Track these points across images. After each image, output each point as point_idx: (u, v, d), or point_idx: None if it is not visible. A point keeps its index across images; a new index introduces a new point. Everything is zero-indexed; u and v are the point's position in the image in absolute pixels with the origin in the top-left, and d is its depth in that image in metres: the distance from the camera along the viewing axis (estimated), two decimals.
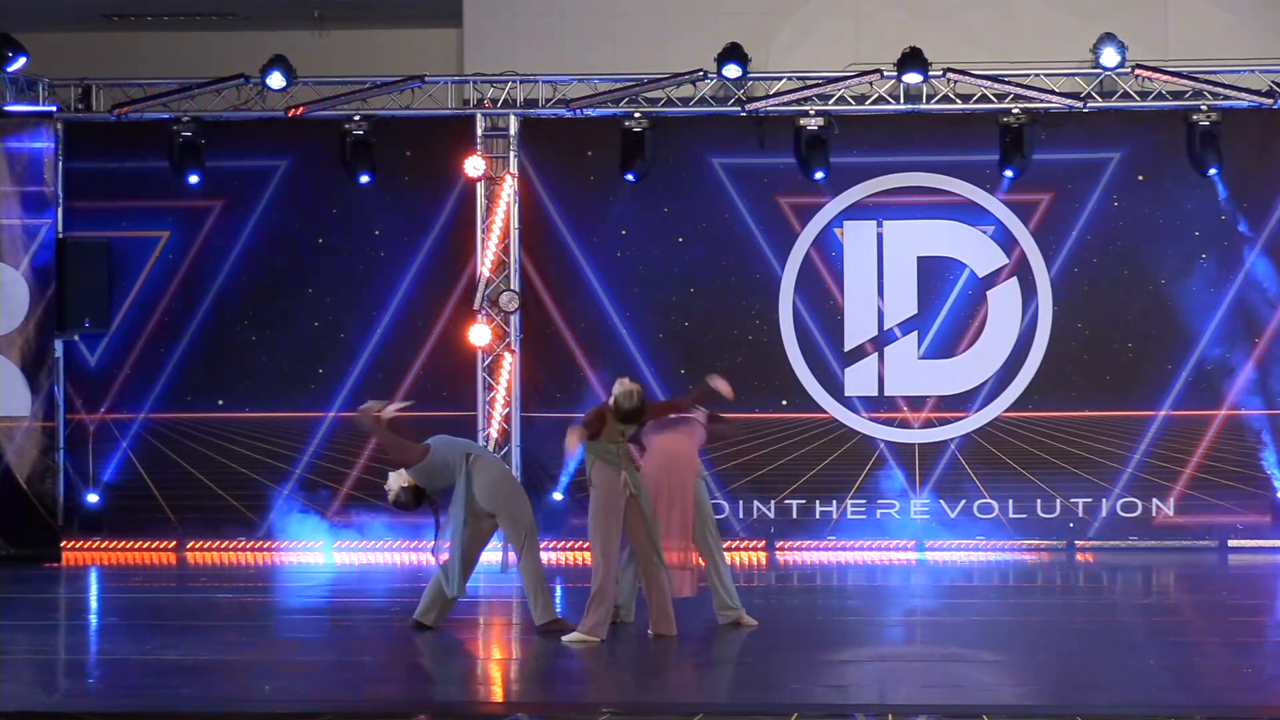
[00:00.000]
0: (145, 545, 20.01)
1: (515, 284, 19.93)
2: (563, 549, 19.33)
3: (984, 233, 19.87)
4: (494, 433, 19.75)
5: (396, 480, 14.08)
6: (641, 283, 20.02)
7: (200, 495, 20.08)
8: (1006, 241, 19.83)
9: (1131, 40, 19.39)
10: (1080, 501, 19.69)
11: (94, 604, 17.19)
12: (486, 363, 19.94)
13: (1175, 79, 19.42)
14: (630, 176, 19.73)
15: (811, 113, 19.58)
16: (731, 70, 19.33)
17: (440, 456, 13.97)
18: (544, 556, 14.25)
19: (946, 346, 19.93)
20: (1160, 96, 19.56)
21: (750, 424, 19.79)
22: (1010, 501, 19.74)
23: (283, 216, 20.24)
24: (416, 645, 13.89)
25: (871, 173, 19.89)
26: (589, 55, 20.57)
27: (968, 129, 19.79)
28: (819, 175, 19.63)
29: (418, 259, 20.11)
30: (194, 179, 19.92)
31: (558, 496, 19.55)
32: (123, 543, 20.02)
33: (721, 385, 14.12)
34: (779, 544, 19.73)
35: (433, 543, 14.14)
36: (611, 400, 13.61)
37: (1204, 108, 19.33)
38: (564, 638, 13.44)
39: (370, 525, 19.90)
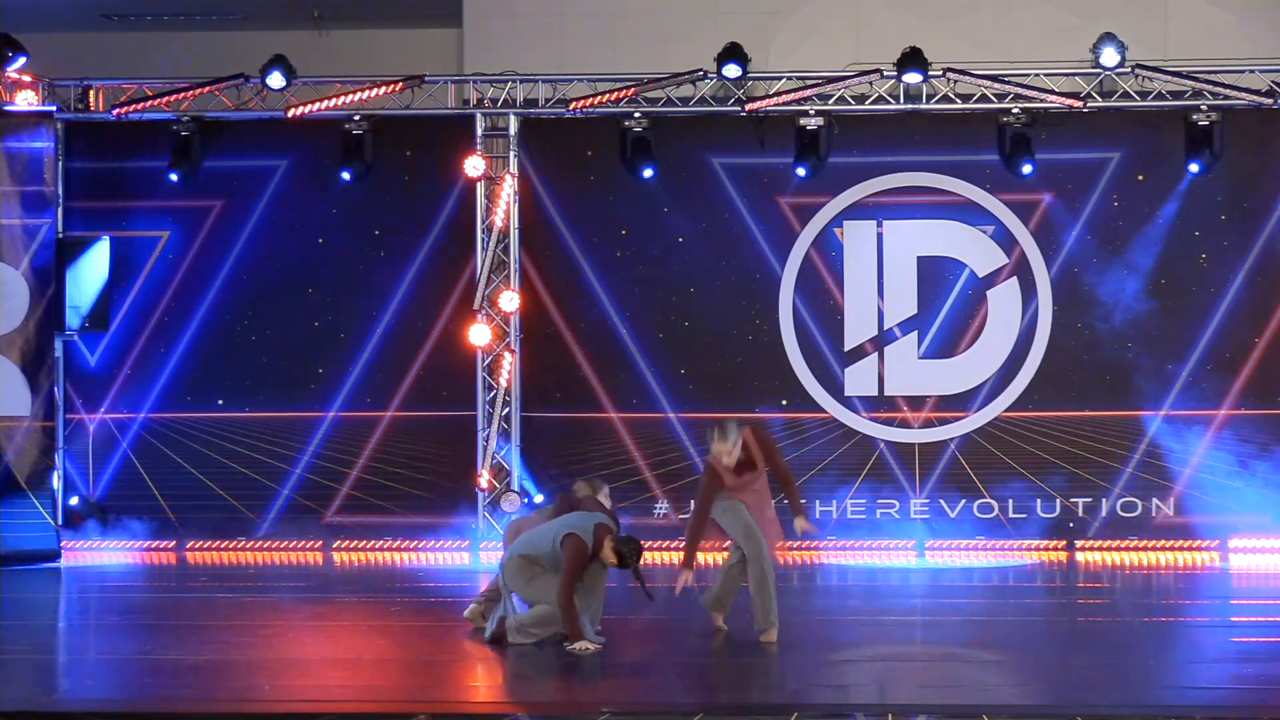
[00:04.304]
0: (145, 545, 20.01)
1: (515, 284, 19.94)
2: None
3: (984, 233, 19.87)
4: (494, 433, 19.75)
5: None
6: (641, 283, 20.02)
7: (200, 495, 20.09)
8: (1006, 241, 19.83)
9: (1131, 40, 19.39)
10: (1080, 501, 19.69)
11: (94, 604, 17.19)
12: (486, 363, 19.94)
13: (1175, 79, 19.42)
14: (650, 171, 19.71)
15: (811, 113, 19.59)
16: (731, 70, 19.34)
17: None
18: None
19: (946, 346, 19.93)
20: (1160, 96, 19.57)
21: (750, 424, 19.81)
22: (1010, 501, 19.74)
23: (283, 216, 20.25)
24: (417, 645, 13.89)
25: (871, 173, 19.90)
26: (589, 55, 20.58)
27: (968, 129, 19.80)
28: (801, 171, 19.61)
29: (418, 259, 20.11)
30: (173, 177, 19.94)
31: (539, 499, 19.48)
32: (123, 542, 20.02)
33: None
34: (779, 544, 19.67)
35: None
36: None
37: (1204, 107, 19.34)
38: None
39: (369, 525, 19.91)
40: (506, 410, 19.91)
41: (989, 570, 18.59)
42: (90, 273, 19.83)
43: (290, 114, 19.86)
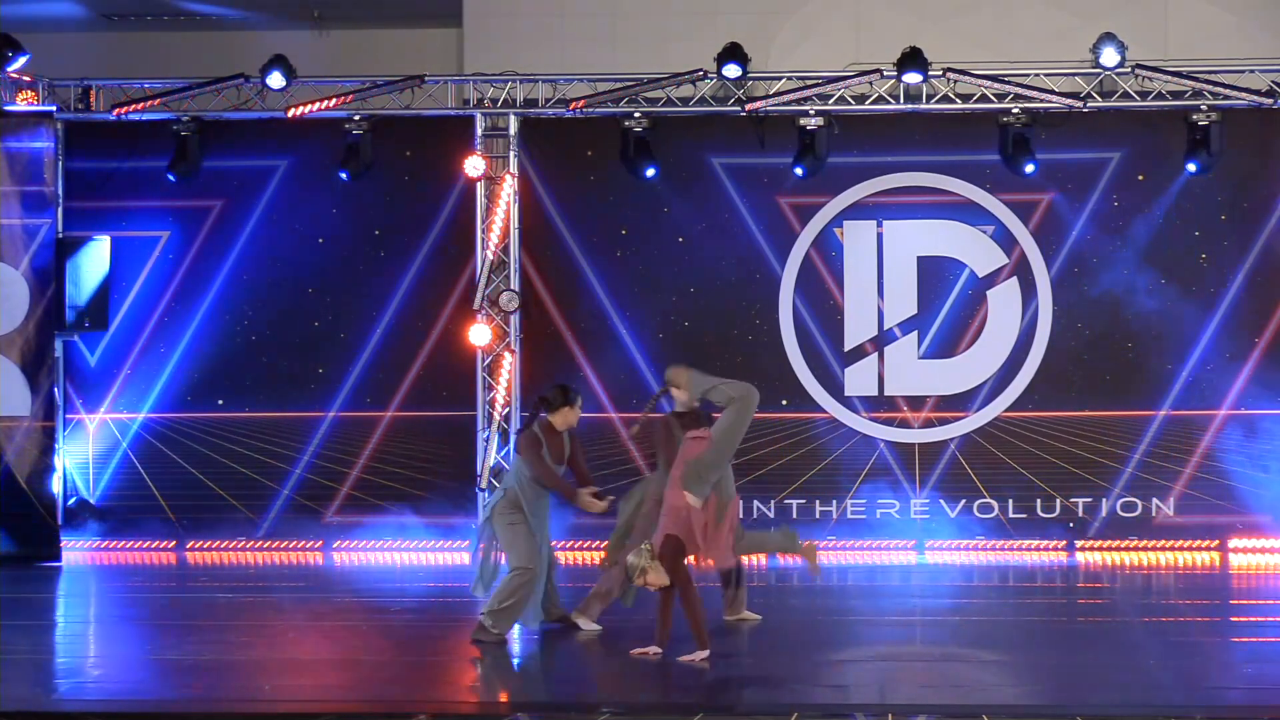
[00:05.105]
0: (145, 545, 20.02)
1: (515, 284, 19.94)
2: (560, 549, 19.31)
3: (984, 233, 19.87)
4: (494, 433, 19.75)
5: None
6: (641, 283, 20.03)
7: (200, 495, 20.09)
8: (1006, 241, 19.83)
9: (1131, 40, 19.39)
10: (1080, 501, 19.70)
11: (94, 603, 17.19)
12: (486, 363, 19.94)
13: (1175, 79, 19.42)
14: (650, 171, 19.69)
15: (811, 113, 19.59)
16: (731, 70, 19.34)
17: None
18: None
19: (946, 346, 19.94)
20: (1160, 96, 19.56)
21: (751, 424, 19.81)
22: (1010, 501, 19.74)
23: (283, 216, 20.25)
24: (417, 645, 13.90)
25: (871, 172, 19.90)
26: (589, 55, 20.58)
27: (968, 129, 19.79)
28: (799, 170, 19.61)
29: (418, 259, 20.11)
30: (173, 177, 19.94)
31: None
32: (123, 542, 20.02)
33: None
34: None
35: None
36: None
37: (1204, 107, 19.33)
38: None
39: (370, 525, 19.92)
40: (506, 410, 19.91)
41: (989, 570, 18.59)
42: (90, 272, 19.84)
43: (290, 114, 19.86)
